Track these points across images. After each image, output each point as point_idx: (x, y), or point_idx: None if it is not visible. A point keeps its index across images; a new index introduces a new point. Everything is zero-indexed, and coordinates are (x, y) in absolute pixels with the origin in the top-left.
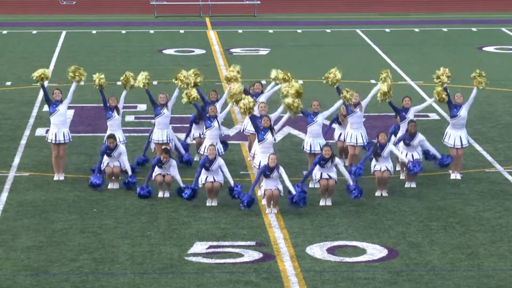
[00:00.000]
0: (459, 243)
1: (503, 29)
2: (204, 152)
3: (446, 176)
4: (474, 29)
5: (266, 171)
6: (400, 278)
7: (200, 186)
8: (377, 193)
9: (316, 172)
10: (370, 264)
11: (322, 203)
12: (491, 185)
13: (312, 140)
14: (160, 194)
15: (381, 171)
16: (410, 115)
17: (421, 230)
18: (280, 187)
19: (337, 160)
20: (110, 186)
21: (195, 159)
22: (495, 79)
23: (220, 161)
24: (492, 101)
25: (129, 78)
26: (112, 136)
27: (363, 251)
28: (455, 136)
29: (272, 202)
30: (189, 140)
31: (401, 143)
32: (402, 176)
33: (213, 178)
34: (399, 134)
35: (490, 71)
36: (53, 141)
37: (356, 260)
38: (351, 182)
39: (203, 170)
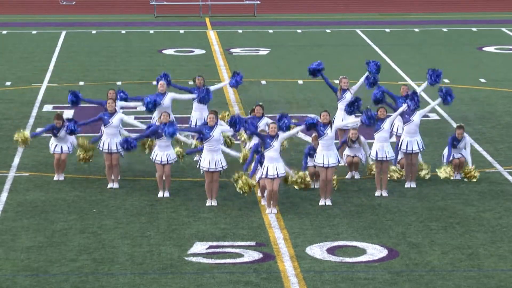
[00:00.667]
0: (459, 244)
1: (503, 29)
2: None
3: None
4: (474, 29)
5: (267, 139)
6: (400, 279)
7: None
8: (377, 193)
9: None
10: (370, 264)
11: (321, 203)
12: (491, 186)
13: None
14: (160, 194)
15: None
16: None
17: (421, 231)
18: (281, 170)
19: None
20: (110, 185)
21: (195, 158)
22: (495, 79)
23: (220, 127)
24: (492, 102)
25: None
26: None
27: (363, 251)
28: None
29: (272, 202)
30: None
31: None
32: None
33: (215, 164)
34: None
35: (490, 71)
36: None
37: (356, 261)
38: None
39: (205, 151)
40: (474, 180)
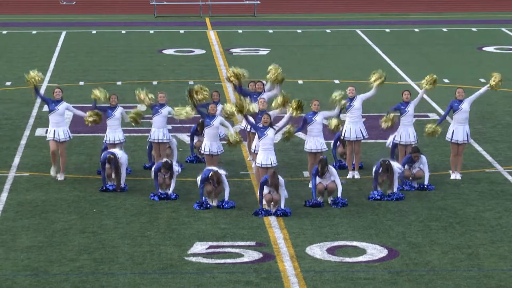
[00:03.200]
0: (459, 243)
1: (503, 29)
2: (204, 151)
3: (446, 176)
4: (474, 29)
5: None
6: (400, 278)
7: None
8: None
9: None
10: (370, 264)
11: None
12: (491, 185)
13: (312, 139)
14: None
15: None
16: (410, 109)
17: (421, 230)
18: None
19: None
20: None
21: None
22: None
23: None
24: (492, 101)
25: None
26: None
27: (363, 251)
28: (459, 131)
29: (272, 203)
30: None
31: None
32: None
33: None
34: (400, 130)
35: (490, 71)
36: (52, 139)
37: (356, 260)
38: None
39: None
40: (437, 135)
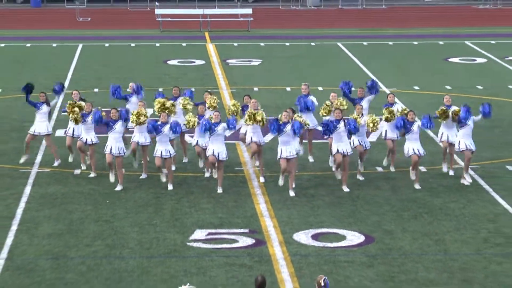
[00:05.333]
0: (428, 231)
1: (467, 42)
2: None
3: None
4: (441, 43)
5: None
6: (375, 261)
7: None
8: (416, 186)
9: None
10: (349, 249)
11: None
12: (456, 180)
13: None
14: (163, 179)
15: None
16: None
17: (394, 219)
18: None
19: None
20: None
21: (201, 165)
22: (459, 86)
23: (224, 124)
24: (458, 105)
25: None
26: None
27: (343, 238)
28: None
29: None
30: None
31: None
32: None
33: (216, 153)
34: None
35: (456, 80)
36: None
37: (337, 246)
38: None
39: (210, 141)
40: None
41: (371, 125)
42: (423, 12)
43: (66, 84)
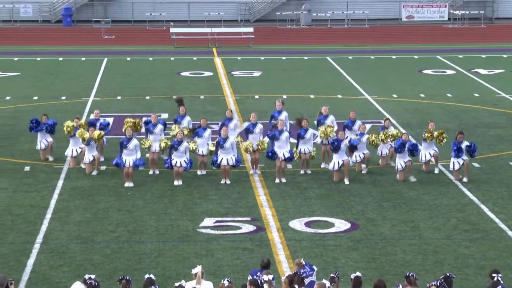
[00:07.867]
0: (405, 219)
1: (438, 56)
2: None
3: (394, 168)
4: (416, 57)
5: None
6: (360, 245)
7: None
8: (346, 181)
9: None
10: (337, 234)
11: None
12: (429, 175)
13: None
14: (176, 183)
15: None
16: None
17: (376, 209)
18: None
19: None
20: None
21: (198, 173)
22: (431, 94)
23: (232, 137)
24: (431, 111)
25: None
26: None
27: (332, 225)
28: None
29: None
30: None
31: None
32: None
33: (226, 160)
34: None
35: (429, 89)
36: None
37: (326, 232)
38: None
39: (219, 153)
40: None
41: (373, 142)
42: (401, 31)
43: (93, 92)
